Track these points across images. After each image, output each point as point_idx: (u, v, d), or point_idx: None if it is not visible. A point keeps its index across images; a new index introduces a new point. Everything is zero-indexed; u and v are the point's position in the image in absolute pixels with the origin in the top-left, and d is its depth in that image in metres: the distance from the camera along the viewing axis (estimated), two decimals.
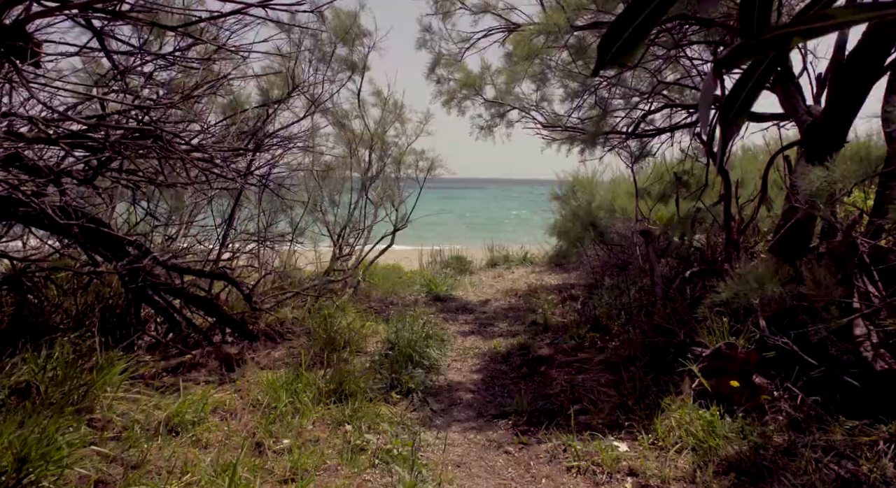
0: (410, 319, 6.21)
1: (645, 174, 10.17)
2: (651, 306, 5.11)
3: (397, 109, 7.21)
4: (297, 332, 5.88)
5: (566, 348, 5.45)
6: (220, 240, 5.38)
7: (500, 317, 7.19)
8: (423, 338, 5.56)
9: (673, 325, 4.38)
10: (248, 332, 5.54)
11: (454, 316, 7.25)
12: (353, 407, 3.98)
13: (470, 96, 7.73)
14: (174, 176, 4.72)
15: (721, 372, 3.76)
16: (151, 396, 3.85)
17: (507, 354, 5.53)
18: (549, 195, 11.32)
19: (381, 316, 6.95)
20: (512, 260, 12.21)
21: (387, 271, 8.96)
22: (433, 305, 7.74)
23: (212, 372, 4.71)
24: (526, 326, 6.56)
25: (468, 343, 6.07)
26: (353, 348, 5.44)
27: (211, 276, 5.07)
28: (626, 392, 4.07)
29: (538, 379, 4.85)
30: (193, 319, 5.50)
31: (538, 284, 9.22)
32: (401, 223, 7.60)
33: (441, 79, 7.76)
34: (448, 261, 11.08)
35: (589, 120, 7.51)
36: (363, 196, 6.80)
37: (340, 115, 6.73)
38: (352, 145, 6.82)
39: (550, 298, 7.82)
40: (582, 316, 6.26)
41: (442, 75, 7.71)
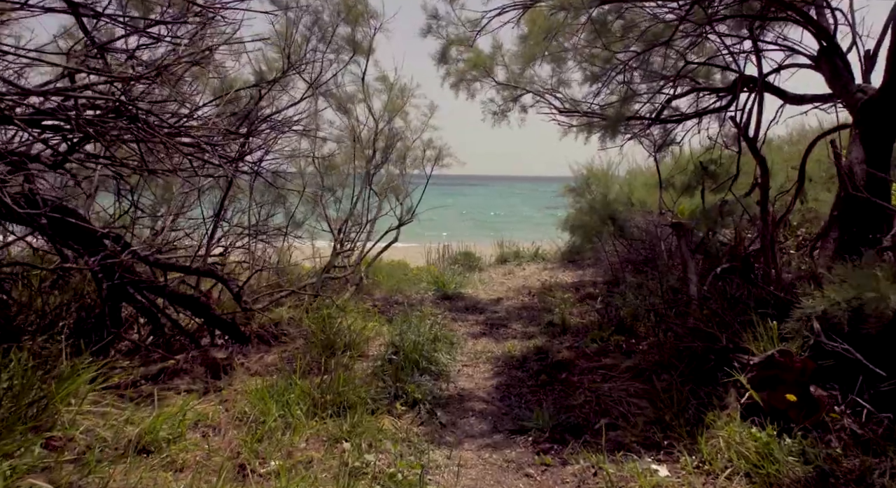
0: (416, 320, 5.77)
1: (666, 165, 9.69)
2: (685, 307, 4.65)
3: (404, 95, 6.77)
4: (294, 334, 5.45)
5: (588, 352, 5.00)
6: (208, 234, 4.95)
7: (514, 317, 6.74)
8: (430, 340, 5.12)
9: (713, 329, 3.91)
10: (239, 334, 5.12)
11: (464, 316, 6.80)
12: (352, 421, 3.54)
13: (480, 78, 7.26)
14: (159, 163, 4.30)
15: (773, 383, 3.30)
16: (124, 409, 3.42)
17: (523, 359, 5.08)
18: (563, 188, 10.84)
19: (385, 315, 6.52)
20: (523, 256, 11.75)
21: (392, 267, 8.53)
22: (441, 304, 7.30)
23: (196, 379, 4.28)
24: (542, 327, 6.10)
25: (480, 346, 5.63)
26: (354, 352, 5.00)
27: (197, 273, 4.64)
28: (661, 404, 3.62)
29: (559, 387, 4.40)
30: (180, 320, 5.09)
31: (552, 282, 8.76)
32: (406, 217, 7.16)
33: (450, 60, 7.30)
34: (456, 257, 10.63)
35: (609, 105, 7.03)
36: (366, 187, 6.35)
37: (344, 98, 6.28)
38: (355, 132, 6.38)
39: (567, 297, 7.36)
40: (604, 316, 5.80)
41: (451, 56, 7.25)
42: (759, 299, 4.05)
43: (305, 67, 5.08)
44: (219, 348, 4.73)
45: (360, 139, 6.37)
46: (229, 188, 5.08)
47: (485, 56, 7.33)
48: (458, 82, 7.34)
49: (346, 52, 5.92)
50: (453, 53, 7.27)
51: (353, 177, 6.43)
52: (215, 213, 5.07)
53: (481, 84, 7.29)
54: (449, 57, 7.11)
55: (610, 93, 7.18)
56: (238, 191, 6.00)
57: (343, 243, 6.41)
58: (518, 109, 7.63)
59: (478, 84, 7.45)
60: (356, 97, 6.35)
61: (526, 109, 7.61)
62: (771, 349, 3.49)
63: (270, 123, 4.99)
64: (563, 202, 13.32)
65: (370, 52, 6.57)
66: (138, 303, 4.68)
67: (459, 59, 7.42)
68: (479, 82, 7.45)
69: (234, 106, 5.01)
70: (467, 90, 7.56)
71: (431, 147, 7.15)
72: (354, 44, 6.05)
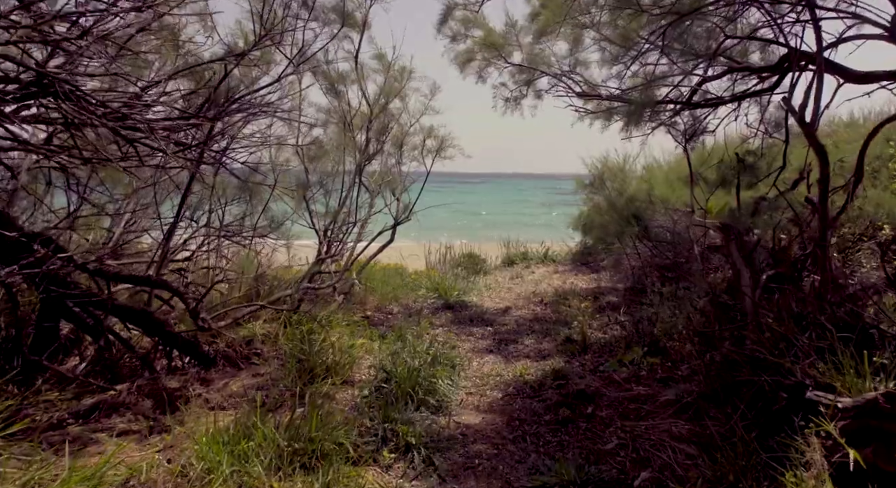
0: (412, 336, 5.03)
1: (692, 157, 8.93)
2: (738, 325, 3.89)
3: (404, 77, 6.00)
4: (269, 354, 4.71)
5: (617, 378, 4.24)
6: (165, 238, 4.21)
7: (524, 330, 5.99)
8: (427, 363, 4.37)
9: (781, 357, 3.15)
10: (202, 355, 4.39)
11: (467, 328, 6.05)
12: (325, 480, 2.80)
13: (491, 60, 6.49)
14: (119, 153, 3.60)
15: (876, 436, 2.55)
16: (29, 463, 2.68)
17: (539, 385, 4.33)
18: (576, 185, 10.08)
19: (378, 329, 5.77)
20: (531, 258, 11.00)
21: (387, 272, 7.78)
22: (442, 314, 6.56)
23: (140, 415, 3.54)
24: (558, 344, 5.35)
25: (486, 367, 4.88)
26: (337, 378, 4.27)
27: (147, 284, 3.90)
28: (719, 456, 2.86)
29: (584, 425, 3.65)
30: (135, 340, 4.36)
31: (565, 288, 8.01)
32: (403, 215, 6.41)
33: (457, 35, 6.52)
34: (459, 259, 9.88)
35: (632, 89, 6.26)
36: (357, 181, 5.60)
37: (334, 78, 5.52)
38: (346, 118, 5.63)
39: (584, 306, 6.61)
40: (630, 333, 5.04)
41: (459, 31, 6.47)
42: (836, 321, 3.29)
43: (283, 38, 4.33)
44: (172, 375, 3.99)
45: (351, 126, 5.62)
46: (191, 182, 4.34)
47: (497, 34, 6.56)
48: (466, 62, 6.56)
49: (336, 24, 5.17)
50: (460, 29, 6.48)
51: (343, 170, 5.68)
52: (176, 213, 4.33)
53: (493, 65, 6.51)
54: (457, 31, 6.33)
55: (633, 75, 6.42)
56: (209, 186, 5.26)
57: (331, 246, 5.67)
58: (532, 95, 6.86)
59: (490, 67, 6.67)
60: (349, 77, 5.60)
61: (541, 95, 6.83)
62: (866, 388, 2.74)
63: (241, 105, 4.24)
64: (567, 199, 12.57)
65: (365, 27, 5.81)
66: (80, 319, 3.96)
67: (468, 35, 6.64)
68: (492, 66, 6.67)
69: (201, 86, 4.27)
70: (477, 74, 6.78)
71: (433, 136, 6.40)
72: (344, 15, 5.30)
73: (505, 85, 6.88)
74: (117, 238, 4.38)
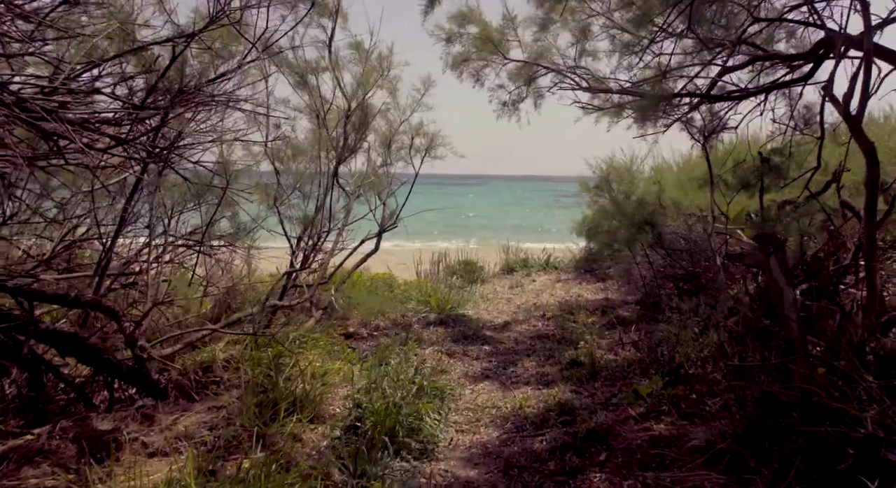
0: (397, 361, 4.47)
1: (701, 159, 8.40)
2: (778, 352, 3.32)
3: (383, 67, 5.43)
4: (230, 382, 4.14)
5: (633, 413, 3.66)
6: (106, 249, 3.63)
7: (525, 349, 5.41)
8: (412, 394, 3.80)
9: (845, 401, 2.57)
10: (151, 385, 3.81)
11: (462, 347, 5.47)
12: None
13: (487, 57, 5.92)
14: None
15: None
16: None
17: (541, 421, 3.75)
18: (580, 187, 9.52)
19: (359, 350, 5.20)
20: (532, 265, 10.43)
21: (375, 283, 7.21)
22: (434, 330, 5.98)
23: (62, 465, 2.96)
24: (563, 367, 4.77)
25: (481, 397, 4.30)
26: (305, 414, 3.68)
27: (73, 304, 3.33)
28: None
29: (596, 476, 3.07)
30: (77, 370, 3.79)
31: (569, 299, 7.43)
32: (388, 222, 5.82)
33: (452, 36, 5.95)
34: (454, 267, 9.30)
35: (644, 81, 5.71)
36: (333, 183, 5.03)
37: (304, 68, 4.95)
38: (319, 113, 5.05)
39: (591, 321, 6.03)
40: (646, 355, 4.46)
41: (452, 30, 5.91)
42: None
43: (242, 17, 3.76)
44: (114, 410, 3.40)
45: (325, 121, 5.04)
46: (138, 184, 3.76)
47: (493, 29, 5.99)
48: (461, 62, 5.99)
49: (304, 5, 4.59)
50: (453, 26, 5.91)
51: (320, 171, 5.10)
52: (119, 220, 3.75)
53: (490, 65, 5.94)
54: (451, 31, 5.77)
55: (645, 66, 5.86)
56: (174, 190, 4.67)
57: (306, 256, 5.10)
58: (532, 95, 6.28)
59: (489, 68, 6.08)
60: (320, 65, 5.02)
61: (542, 94, 6.25)
62: None
63: (195, 95, 3.68)
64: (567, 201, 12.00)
65: (338, 12, 5.23)
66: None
67: (462, 32, 6.06)
68: (489, 67, 6.08)
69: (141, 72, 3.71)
70: (475, 77, 6.20)
71: (421, 134, 5.81)
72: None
73: (503, 87, 6.31)
74: (53, 249, 3.80)
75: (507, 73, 5.81)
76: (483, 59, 5.74)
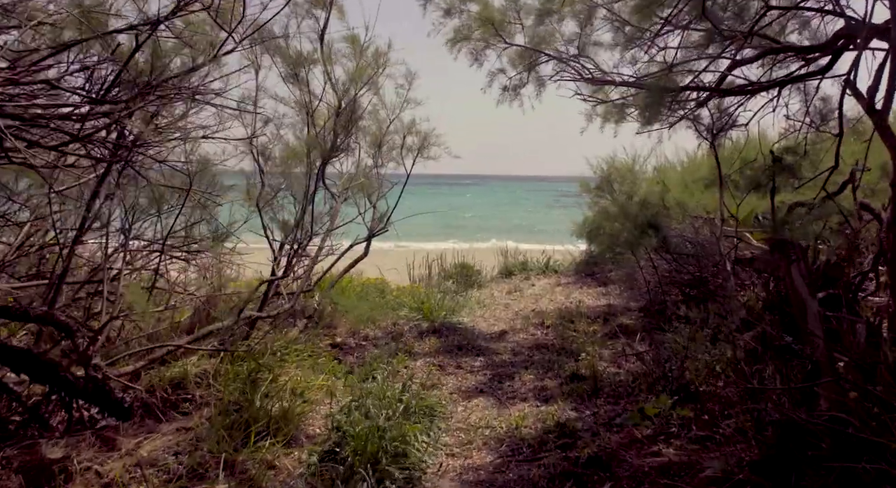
0: (384, 376, 4.18)
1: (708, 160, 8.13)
2: (804, 371, 3.02)
3: (379, 62, 5.13)
4: (203, 399, 3.84)
5: (639, 436, 3.37)
6: (65, 253, 3.34)
7: (522, 361, 5.12)
8: (399, 414, 3.51)
9: (883, 432, 2.28)
10: (114, 405, 3.51)
11: (455, 359, 5.18)
12: None
13: (487, 39, 5.60)
14: None
15: None
16: None
17: (539, 444, 3.46)
18: (580, 187, 9.23)
19: (346, 361, 4.91)
20: (531, 268, 10.13)
21: (366, 289, 6.91)
22: (426, 339, 5.68)
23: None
24: (562, 381, 4.48)
25: (475, 415, 4.00)
26: (281, 436, 3.39)
27: (24, 318, 3.04)
28: None
29: None
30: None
31: (570, 305, 7.13)
32: (378, 226, 5.52)
33: (452, 8, 5.63)
34: (450, 271, 9.00)
35: (651, 76, 5.42)
36: (317, 185, 4.73)
37: (293, 61, 4.64)
38: (308, 108, 4.76)
39: (592, 330, 5.74)
40: (652, 370, 4.16)
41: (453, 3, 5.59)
42: None
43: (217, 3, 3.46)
44: (57, 440, 3.10)
45: (313, 119, 4.75)
46: (102, 183, 3.46)
47: (495, 9, 5.69)
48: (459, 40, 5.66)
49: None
50: None
51: (307, 172, 4.79)
52: (80, 222, 3.46)
53: (491, 47, 5.63)
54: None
55: (650, 60, 5.57)
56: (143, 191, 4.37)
57: (291, 261, 4.80)
58: (534, 82, 5.98)
59: (487, 49, 5.77)
60: (311, 58, 4.72)
61: (544, 83, 5.95)
62: None
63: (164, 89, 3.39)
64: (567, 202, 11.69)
65: (332, 3, 4.94)
66: None
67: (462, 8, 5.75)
68: (488, 47, 5.77)
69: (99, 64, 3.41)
70: (473, 55, 5.88)
71: (414, 132, 5.51)
72: None
73: (503, 71, 6.01)
74: (4, 256, 3.50)
75: (507, 57, 5.51)
76: (483, 40, 5.44)
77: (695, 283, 5.71)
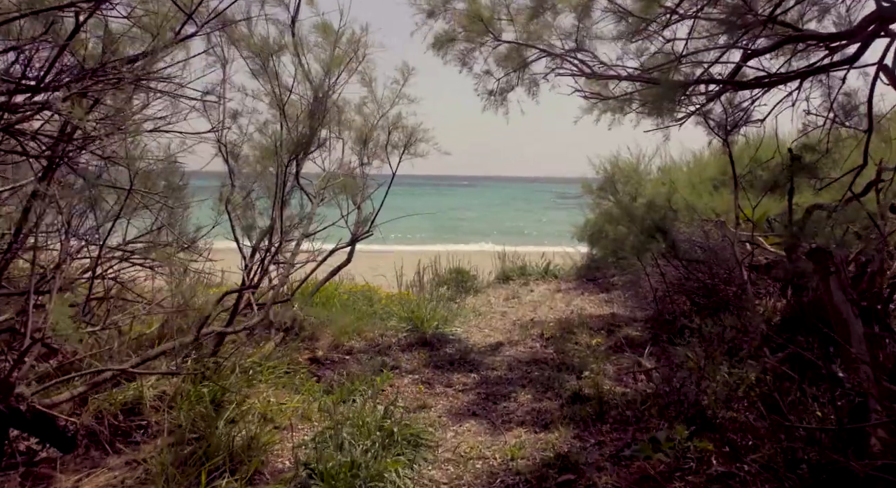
0: (364, 399, 3.79)
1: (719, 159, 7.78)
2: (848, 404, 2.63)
3: (354, 49, 4.73)
4: (158, 427, 3.44)
5: (651, 472, 2.97)
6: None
7: (519, 378, 4.72)
8: (380, 444, 3.12)
9: None
10: (57, 434, 3.12)
11: (446, 375, 4.78)
12: None
13: (475, 39, 5.20)
14: None
15: None
16: None
17: (538, 480, 3.06)
18: (582, 188, 8.87)
19: (326, 378, 4.51)
20: (529, 273, 9.74)
21: (352, 296, 6.50)
22: (416, 353, 5.28)
23: None
24: (563, 402, 4.09)
25: (466, 443, 3.60)
26: (246, 470, 2.99)
27: None
28: None
29: None
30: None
31: (570, 314, 6.74)
32: (362, 230, 5.12)
33: (435, 8, 5.23)
34: (445, 276, 8.60)
35: (658, 68, 5.03)
36: (286, 184, 4.32)
37: (263, 48, 4.25)
38: (280, 101, 4.36)
39: (595, 342, 5.34)
40: (663, 391, 3.76)
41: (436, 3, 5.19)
42: None
43: None
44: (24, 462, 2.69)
45: (285, 113, 4.35)
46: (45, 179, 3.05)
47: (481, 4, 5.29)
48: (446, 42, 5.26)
49: None
50: None
51: (278, 169, 4.37)
52: (15, 229, 3.06)
53: (476, 47, 5.23)
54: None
55: (656, 52, 5.18)
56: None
57: (265, 269, 4.40)
58: (527, 83, 5.57)
59: (474, 51, 5.38)
60: (282, 44, 4.31)
61: (537, 82, 5.55)
62: None
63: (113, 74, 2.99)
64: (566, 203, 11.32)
65: None
66: None
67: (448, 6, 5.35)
68: (474, 48, 5.37)
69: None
70: (460, 59, 5.48)
71: (399, 127, 5.10)
72: None
73: (490, 73, 5.58)
74: None
75: (495, 58, 5.11)
76: (470, 41, 5.05)
77: (706, 292, 5.32)
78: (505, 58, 5.18)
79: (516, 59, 5.13)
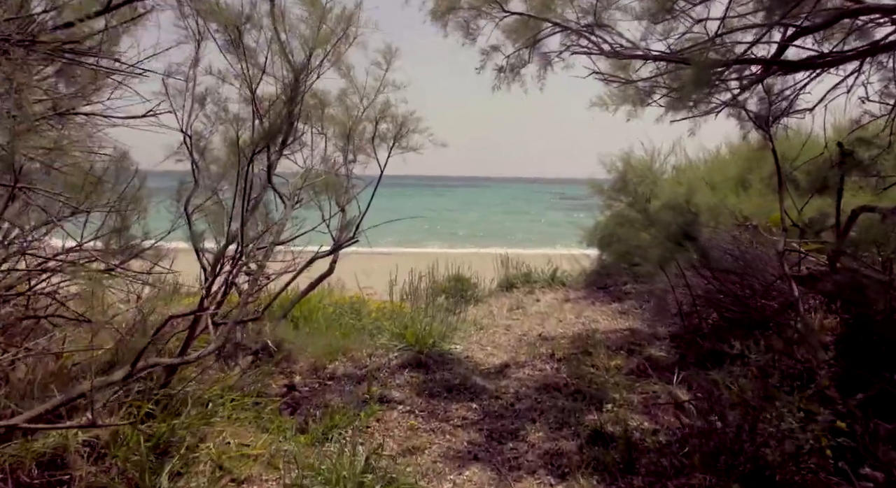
0: (341, 445, 3.15)
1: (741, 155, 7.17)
2: None
3: (343, 26, 4.10)
4: (85, 483, 2.79)
5: None
6: None
7: (529, 408, 4.07)
8: None
9: None
10: None
11: (444, 405, 4.14)
12: None
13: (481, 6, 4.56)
14: None
15: None
16: None
17: None
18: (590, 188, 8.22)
19: (302, 410, 3.87)
20: (535, 280, 9.08)
21: (338, 309, 5.85)
22: (408, 376, 4.64)
23: None
24: (582, 443, 3.44)
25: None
26: None
27: None
28: None
29: None
30: None
31: (583, 328, 6.10)
32: (346, 235, 4.48)
33: None
34: (443, 285, 7.96)
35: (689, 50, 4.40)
36: (269, 184, 3.68)
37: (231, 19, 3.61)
38: (251, 86, 3.73)
39: (614, 365, 4.70)
40: (705, 431, 3.11)
41: None
42: None
43: None
44: None
45: (259, 101, 3.72)
46: None
47: None
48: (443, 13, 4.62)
49: None
50: None
51: (239, 167, 3.72)
52: None
53: (481, 15, 4.60)
54: None
55: (685, 32, 4.55)
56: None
57: (229, 282, 3.77)
58: (538, 62, 4.94)
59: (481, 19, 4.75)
60: (254, 19, 3.69)
61: (550, 61, 4.92)
62: None
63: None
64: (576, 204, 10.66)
65: None
66: None
67: None
68: (482, 17, 4.74)
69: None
70: (463, 28, 4.85)
71: (388, 116, 4.45)
72: None
73: (498, 49, 4.96)
74: None
75: (503, 29, 4.50)
76: (475, 8, 4.42)
77: (741, 307, 4.67)
78: (516, 28, 4.57)
79: (527, 31, 4.51)
